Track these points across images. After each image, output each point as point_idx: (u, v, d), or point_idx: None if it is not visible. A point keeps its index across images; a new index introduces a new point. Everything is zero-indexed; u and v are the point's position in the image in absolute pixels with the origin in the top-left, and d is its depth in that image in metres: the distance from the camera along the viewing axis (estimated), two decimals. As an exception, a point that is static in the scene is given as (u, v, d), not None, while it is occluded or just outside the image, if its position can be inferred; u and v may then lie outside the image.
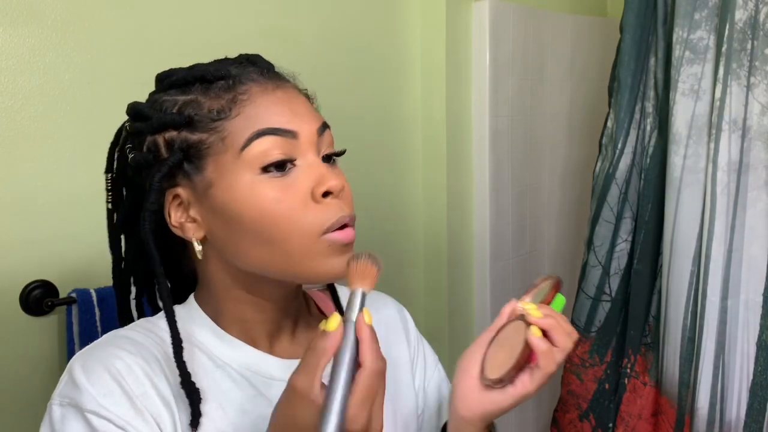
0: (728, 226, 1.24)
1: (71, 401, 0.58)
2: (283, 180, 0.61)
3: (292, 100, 0.64)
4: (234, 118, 0.61)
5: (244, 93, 0.62)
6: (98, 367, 0.59)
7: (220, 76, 0.63)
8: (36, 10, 1.10)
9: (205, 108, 0.62)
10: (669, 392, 1.38)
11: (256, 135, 0.60)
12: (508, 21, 1.73)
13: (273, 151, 0.60)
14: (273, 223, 0.60)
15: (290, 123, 0.62)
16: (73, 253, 1.17)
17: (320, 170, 0.62)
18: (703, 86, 1.29)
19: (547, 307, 0.69)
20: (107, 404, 0.57)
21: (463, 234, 1.75)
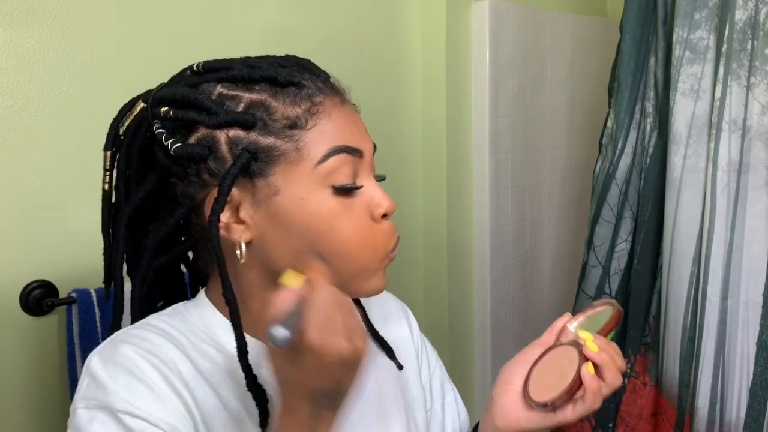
0: (728, 226, 1.24)
1: (99, 403, 0.57)
2: (348, 198, 0.62)
3: (355, 117, 0.65)
4: (310, 129, 0.60)
5: (319, 105, 0.61)
6: (119, 367, 0.59)
7: (291, 81, 0.61)
8: (36, 10, 1.10)
9: (279, 113, 0.60)
10: (669, 392, 1.38)
11: (334, 151, 0.60)
12: (508, 21, 1.73)
13: (345, 169, 0.61)
14: (342, 240, 0.61)
15: (359, 142, 0.63)
16: (73, 253, 1.17)
17: (377, 191, 0.64)
18: (703, 86, 1.29)
19: (603, 339, 0.68)
20: (138, 403, 0.57)
21: (463, 234, 1.75)
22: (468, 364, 1.81)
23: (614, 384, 0.66)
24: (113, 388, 0.57)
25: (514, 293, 1.88)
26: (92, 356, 0.61)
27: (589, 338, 0.67)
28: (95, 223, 1.19)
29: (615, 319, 0.70)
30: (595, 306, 0.74)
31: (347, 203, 0.61)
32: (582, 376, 0.64)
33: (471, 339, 1.80)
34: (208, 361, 0.63)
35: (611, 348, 0.67)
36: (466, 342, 1.79)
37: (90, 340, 1.12)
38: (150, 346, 0.62)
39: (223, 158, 0.60)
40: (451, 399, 0.83)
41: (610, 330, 0.70)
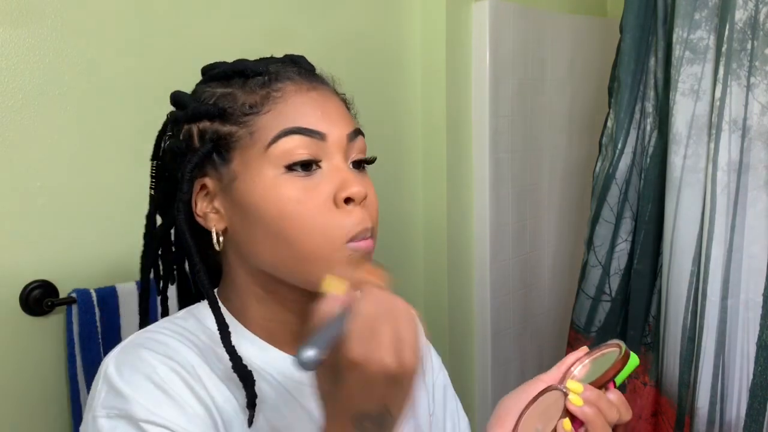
0: (728, 226, 1.24)
1: (120, 412, 0.56)
2: (306, 180, 0.60)
3: (326, 102, 0.64)
4: (265, 113, 0.61)
5: (278, 90, 0.62)
6: (138, 374, 0.58)
7: (258, 71, 0.63)
8: (36, 10, 1.10)
9: (239, 101, 0.62)
10: (669, 392, 1.38)
11: (284, 133, 0.60)
12: (508, 21, 1.73)
13: (298, 150, 0.60)
14: (293, 224, 0.59)
15: (319, 124, 0.61)
16: (73, 253, 1.17)
17: (344, 175, 0.61)
18: (703, 86, 1.29)
19: (593, 391, 0.64)
20: (159, 411, 0.56)
21: (463, 234, 1.75)
22: (468, 365, 1.81)
23: None
24: (133, 396, 0.56)
25: (514, 293, 1.88)
26: (108, 362, 0.60)
27: (576, 390, 0.64)
28: (95, 223, 1.19)
29: (620, 362, 0.67)
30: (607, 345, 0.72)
31: (305, 186, 0.60)
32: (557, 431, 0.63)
33: (471, 339, 1.80)
34: (224, 364, 0.62)
35: (602, 401, 0.64)
36: (466, 342, 1.79)
37: (90, 340, 1.12)
38: (168, 350, 0.60)
39: (195, 149, 0.63)
40: (453, 407, 0.83)
41: (615, 373, 0.66)
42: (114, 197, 1.19)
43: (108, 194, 1.19)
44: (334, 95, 0.67)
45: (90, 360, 1.12)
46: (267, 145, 0.60)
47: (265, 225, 0.60)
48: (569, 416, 0.64)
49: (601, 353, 0.71)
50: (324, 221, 0.59)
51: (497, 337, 1.82)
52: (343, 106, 0.67)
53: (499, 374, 1.82)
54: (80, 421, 1.15)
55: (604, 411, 0.64)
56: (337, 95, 0.67)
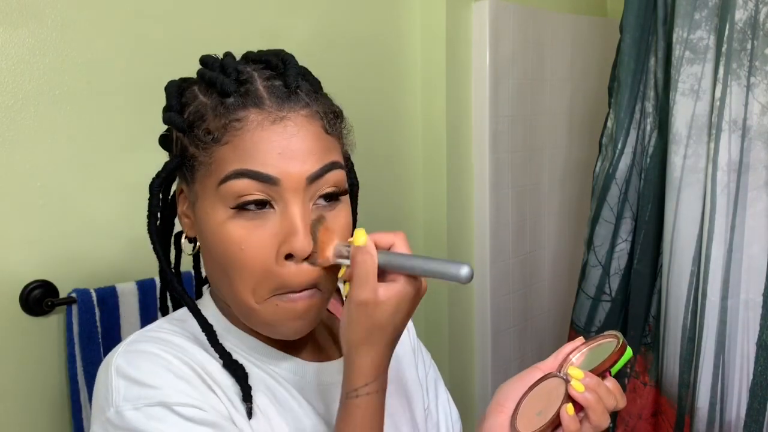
0: (728, 226, 1.24)
1: (150, 401, 0.56)
2: (255, 221, 0.58)
3: (289, 138, 0.58)
4: (223, 145, 0.58)
5: (240, 120, 0.58)
6: (156, 366, 0.58)
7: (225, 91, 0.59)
8: (36, 10, 1.10)
9: (206, 123, 0.60)
10: (669, 392, 1.38)
11: (234, 174, 0.57)
12: (508, 21, 1.73)
13: (248, 193, 0.58)
14: (233, 267, 0.59)
15: (274, 167, 0.57)
16: (73, 253, 1.17)
17: (293, 225, 0.58)
18: (703, 86, 1.29)
19: (593, 378, 0.66)
20: (188, 392, 0.57)
21: (463, 234, 1.75)
22: (468, 364, 1.81)
23: (599, 424, 0.64)
24: (159, 383, 0.56)
25: (514, 293, 1.88)
26: (114, 359, 0.59)
27: (577, 376, 0.65)
28: (95, 223, 1.19)
29: (618, 352, 0.68)
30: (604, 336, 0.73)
31: (253, 227, 0.58)
32: (560, 416, 0.64)
33: (471, 339, 1.80)
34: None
35: (601, 388, 0.65)
36: (466, 342, 1.79)
37: (90, 340, 1.12)
38: (175, 347, 0.61)
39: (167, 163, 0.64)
40: (444, 399, 0.84)
41: (612, 363, 0.68)
42: (114, 197, 1.19)
43: (108, 194, 1.19)
44: (309, 120, 0.60)
45: (90, 360, 1.12)
46: (219, 182, 0.59)
47: (214, 258, 0.61)
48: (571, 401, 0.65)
49: (598, 343, 0.72)
50: (258, 272, 0.58)
51: (497, 337, 1.82)
52: (318, 134, 0.60)
53: (499, 374, 1.82)
54: (80, 420, 1.15)
55: (603, 397, 0.65)
56: (315, 117, 0.61)
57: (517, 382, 0.72)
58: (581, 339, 0.74)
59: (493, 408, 0.71)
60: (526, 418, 0.68)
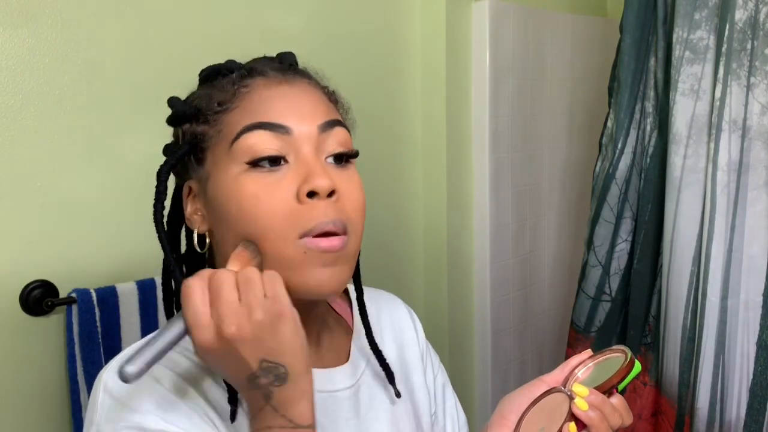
0: (728, 226, 1.24)
1: (129, 424, 0.54)
2: (270, 176, 0.58)
3: (297, 95, 0.61)
4: (233, 110, 0.60)
5: (247, 86, 0.61)
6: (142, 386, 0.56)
7: (232, 69, 0.63)
8: (36, 10, 1.10)
9: (213, 101, 0.61)
10: (669, 392, 1.38)
11: (246, 129, 0.58)
12: (508, 21, 1.73)
13: (261, 146, 0.58)
14: (251, 222, 0.57)
15: (284, 117, 0.59)
16: (73, 253, 1.17)
17: (311, 167, 0.58)
18: (703, 86, 1.29)
19: (598, 395, 0.65)
20: (171, 419, 0.55)
21: (463, 234, 1.75)
22: (468, 365, 1.81)
23: None
24: (142, 407, 0.55)
25: (514, 293, 1.88)
26: (104, 375, 0.58)
27: (582, 394, 0.65)
28: (95, 223, 1.19)
29: (626, 369, 0.67)
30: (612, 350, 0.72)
31: (268, 182, 0.57)
32: None
33: (471, 339, 1.80)
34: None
35: (606, 406, 0.64)
36: (466, 342, 1.79)
37: (90, 340, 1.12)
38: (168, 362, 0.59)
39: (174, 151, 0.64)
40: (452, 404, 0.83)
41: (620, 380, 0.67)
42: (114, 197, 1.19)
43: (108, 194, 1.19)
44: (312, 87, 0.64)
45: (90, 360, 1.12)
46: (231, 141, 0.59)
47: (229, 224, 0.59)
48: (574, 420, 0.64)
49: (605, 358, 0.71)
50: (281, 217, 0.56)
51: (497, 337, 1.82)
52: (322, 98, 0.63)
53: (499, 374, 1.82)
54: (80, 420, 1.16)
55: (607, 416, 0.64)
56: (316, 87, 0.64)
57: (521, 395, 0.71)
58: (589, 352, 0.73)
59: (497, 420, 0.71)
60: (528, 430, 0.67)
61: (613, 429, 0.64)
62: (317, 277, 0.57)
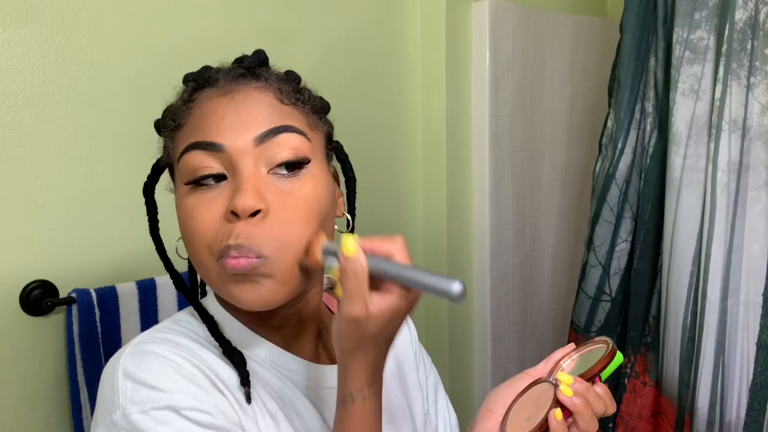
0: (728, 226, 1.24)
1: (157, 404, 0.55)
2: (207, 194, 0.58)
3: (236, 106, 0.59)
4: (182, 128, 0.61)
5: (193, 101, 0.61)
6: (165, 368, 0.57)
7: (187, 80, 0.63)
8: (36, 10, 1.10)
9: (173, 114, 0.63)
10: (669, 392, 1.38)
11: (185, 150, 0.59)
12: (508, 21, 1.73)
13: (198, 165, 0.58)
14: (188, 240, 0.59)
15: (218, 134, 0.58)
16: (73, 253, 1.17)
17: (239, 185, 0.57)
18: (703, 86, 1.29)
19: (582, 383, 0.66)
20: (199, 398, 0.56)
21: (463, 234, 1.75)
22: (468, 364, 1.81)
23: (587, 429, 0.65)
24: (167, 386, 0.56)
25: (514, 293, 1.88)
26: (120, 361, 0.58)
27: (566, 381, 0.66)
28: (95, 223, 1.19)
29: (606, 358, 0.69)
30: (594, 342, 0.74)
31: (206, 200, 0.58)
32: (549, 420, 0.65)
33: (471, 339, 1.80)
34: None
35: (590, 393, 0.66)
36: (466, 342, 1.79)
37: (90, 340, 1.12)
38: (183, 349, 0.60)
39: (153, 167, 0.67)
40: (443, 404, 0.84)
41: (602, 368, 0.68)
42: (114, 197, 1.19)
43: (108, 194, 1.19)
44: (259, 92, 0.61)
45: (90, 360, 1.12)
46: (176, 161, 0.61)
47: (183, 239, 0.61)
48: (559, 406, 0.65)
49: (589, 349, 0.73)
50: (208, 237, 0.57)
51: (497, 337, 1.82)
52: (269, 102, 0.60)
53: (499, 374, 1.82)
54: (80, 420, 1.15)
55: (591, 402, 0.65)
56: (266, 91, 0.61)
57: (507, 388, 0.73)
58: (572, 345, 0.75)
59: (483, 414, 0.72)
60: (515, 423, 0.68)
61: (597, 416, 0.65)
62: (238, 294, 0.58)
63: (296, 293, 0.61)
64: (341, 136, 0.72)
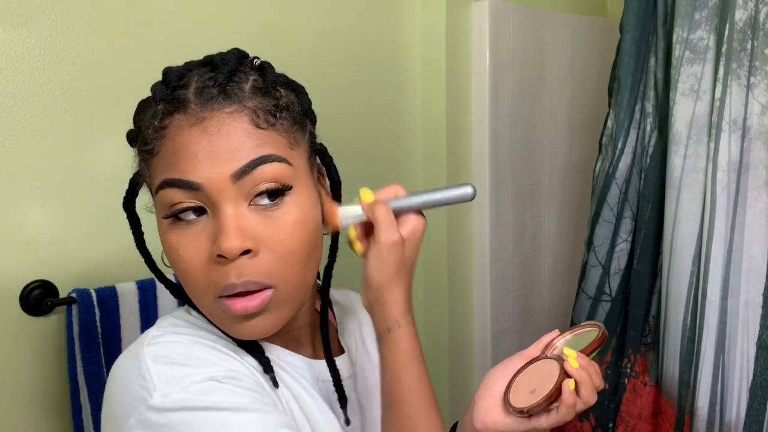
0: (728, 226, 1.24)
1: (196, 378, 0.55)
2: (190, 229, 0.58)
3: (210, 137, 0.56)
4: (155, 156, 0.59)
5: (165, 128, 0.58)
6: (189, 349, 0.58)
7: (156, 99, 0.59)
8: (36, 10, 1.10)
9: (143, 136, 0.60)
10: (669, 392, 1.38)
11: (161, 185, 0.58)
12: (508, 21, 1.73)
13: (176, 202, 0.57)
14: (178, 272, 0.60)
15: (194, 172, 0.56)
16: (73, 253, 1.17)
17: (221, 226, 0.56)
18: (703, 86, 1.29)
19: (584, 357, 0.72)
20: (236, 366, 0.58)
21: (463, 234, 1.75)
22: (468, 365, 1.81)
23: (589, 401, 0.70)
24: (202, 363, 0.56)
25: (514, 293, 1.88)
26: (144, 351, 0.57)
27: (572, 355, 0.71)
28: (95, 223, 1.19)
29: (599, 340, 0.74)
30: (582, 326, 0.79)
31: (190, 236, 0.58)
32: (562, 389, 0.68)
33: (471, 339, 1.80)
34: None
35: (591, 367, 0.70)
36: (466, 342, 1.79)
37: (90, 340, 1.12)
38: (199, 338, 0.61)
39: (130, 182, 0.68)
40: None
41: (593, 350, 0.74)
42: (114, 197, 1.19)
43: (108, 194, 1.19)
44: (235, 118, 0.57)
45: (90, 360, 1.12)
46: (154, 193, 0.60)
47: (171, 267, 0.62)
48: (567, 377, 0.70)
49: (582, 331, 0.78)
50: (199, 275, 0.58)
51: (497, 337, 1.82)
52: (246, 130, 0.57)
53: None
54: (80, 420, 1.15)
55: (592, 376, 0.70)
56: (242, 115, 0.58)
57: (504, 368, 0.76)
58: (557, 331, 0.80)
59: (482, 392, 0.74)
60: (518, 395, 0.71)
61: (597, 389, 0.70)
62: (241, 330, 0.59)
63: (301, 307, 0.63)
64: (341, 135, 0.72)
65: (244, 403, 0.54)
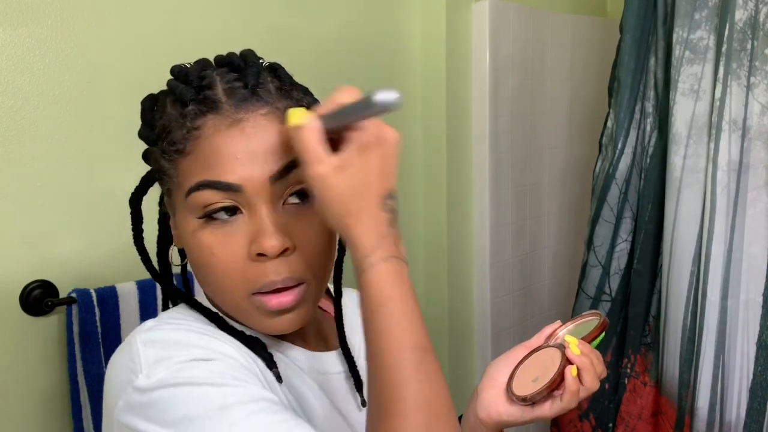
0: (728, 226, 1.24)
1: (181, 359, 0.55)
2: (224, 228, 0.58)
3: (248, 139, 0.57)
4: (187, 156, 0.58)
5: (198, 128, 0.58)
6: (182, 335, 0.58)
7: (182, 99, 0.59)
8: (36, 10, 1.10)
9: (172, 134, 0.59)
10: (669, 392, 1.38)
11: (196, 186, 0.57)
12: (508, 21, 1.73)
13: (213, 202, 0.57)
14: (208, 272, 0.60)
15: (234, 174, 0.57)
16: (73, 253, 1.17)
17: (261, 225, 0.57)
18: (703, 86, 1.29)
19: (586, 345, 0.73)
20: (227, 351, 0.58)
21: (463, 234, 1.75)
22: (468, 364, 1.81)
23: (591, 387, 0.70)
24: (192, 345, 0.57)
25: (514, 293, 1.88)
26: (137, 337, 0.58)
27: (573, 342, 0.71)
28: (95, 223, 1.19)
29: (600, 328, 0.76)
30: (583, 315, 0.80)
31: (224, 233, 0.58)
32: (565, 376, 0.69)
33: (471, 339, 1.80)
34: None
35: (593, 354, 0.71)
36: (466, 342, 1.79)
37: (90, 340, 1.12)
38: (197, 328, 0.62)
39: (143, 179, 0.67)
40: None
41: (594, 338, 0.75)
42: (114, 197, 1.19)
43: (108, 194, 1.19)
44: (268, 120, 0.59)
45: (90, 360, 1.12)
46: (185, 194, 0.59)
47: (195, 266, 0.61)
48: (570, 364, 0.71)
49: (582, 320, 0.80)
50: (233, 273, 0.58)
51: (497, 337, 1.82)
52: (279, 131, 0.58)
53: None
54: (80, 420, 1.15)
55: (594, 363, 0.70)
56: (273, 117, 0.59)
57: (507, 358, 0.77)
58: (558, 321, 0.81)
59: (486, 383, 0.75)
60: (521, 383, 0.72)
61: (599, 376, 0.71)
62: (271, 326, 0.61)
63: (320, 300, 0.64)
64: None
65: (225, 379, 0.54)
